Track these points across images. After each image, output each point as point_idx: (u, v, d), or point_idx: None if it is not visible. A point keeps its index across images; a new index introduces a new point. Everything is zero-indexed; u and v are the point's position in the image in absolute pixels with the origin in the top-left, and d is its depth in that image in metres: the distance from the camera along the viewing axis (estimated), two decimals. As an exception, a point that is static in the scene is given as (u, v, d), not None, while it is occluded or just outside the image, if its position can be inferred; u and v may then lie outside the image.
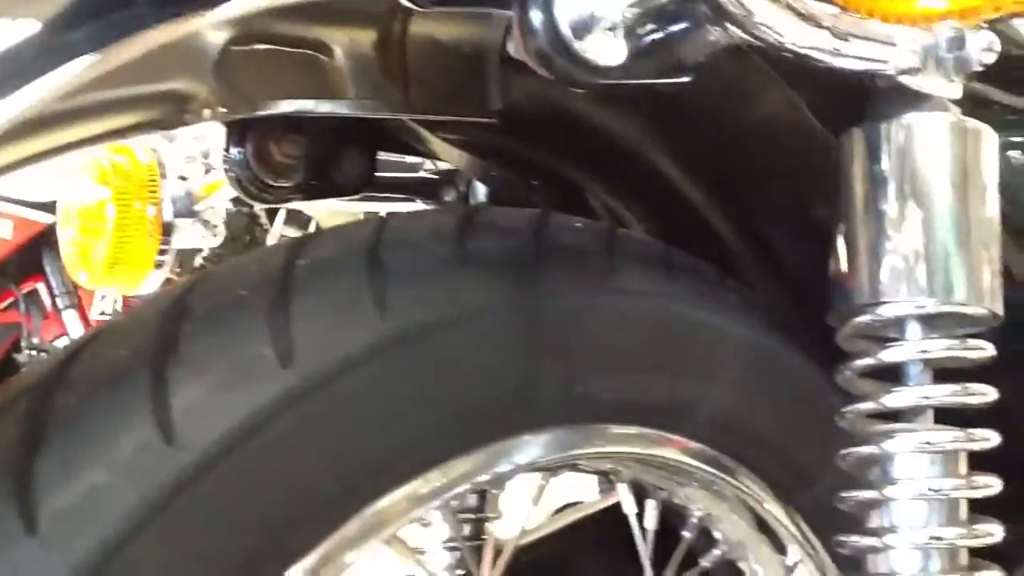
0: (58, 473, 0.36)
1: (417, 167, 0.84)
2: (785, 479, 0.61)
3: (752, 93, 0.61)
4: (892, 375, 0.50)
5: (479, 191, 0.78)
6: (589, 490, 0.87)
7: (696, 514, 0.63)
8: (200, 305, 0.41)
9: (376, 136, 0.68)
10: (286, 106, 0.50)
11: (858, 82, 0.50)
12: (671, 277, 0.55)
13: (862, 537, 0.49)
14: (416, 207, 0.80)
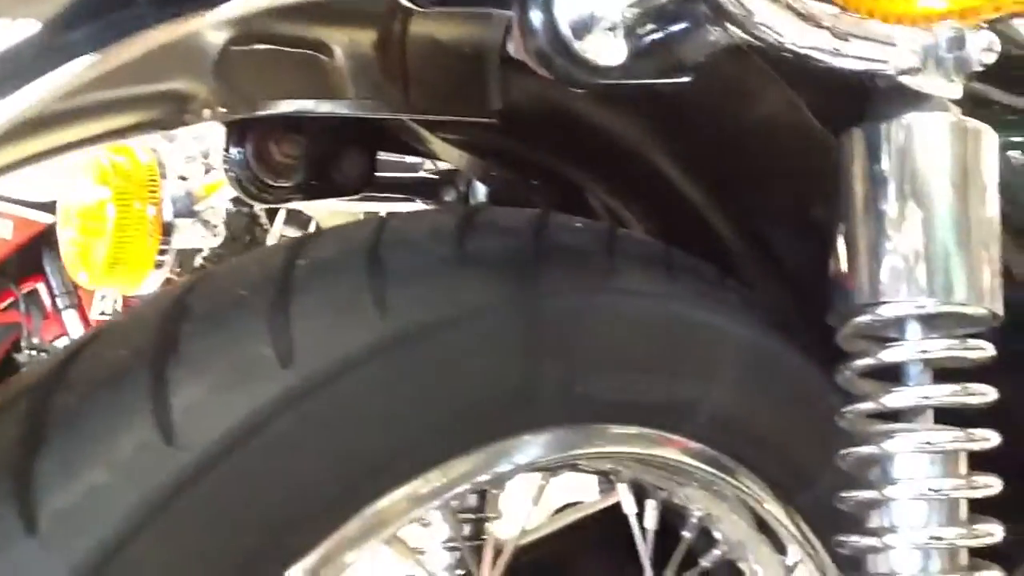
0: (58, 473, 0.36)
1: (417, 167, 0.84)
2: (785, 479, 0.61)
3: (752, 93, 0.61)
4: (892, 375, 0.50)
5: (479, 191, 0.78)
6: (589, 490, 0.87)
7: (696, 514, 0.62)
8: (200, 305, 0.41)
9: (376, 136, 0.68)
10: (286, 106, 0.50)
11: (858, 82, 0.50)
12: (671, 277, 0.55)
13: (862, 537, 0.49)
14: (416, 207, 0.80)
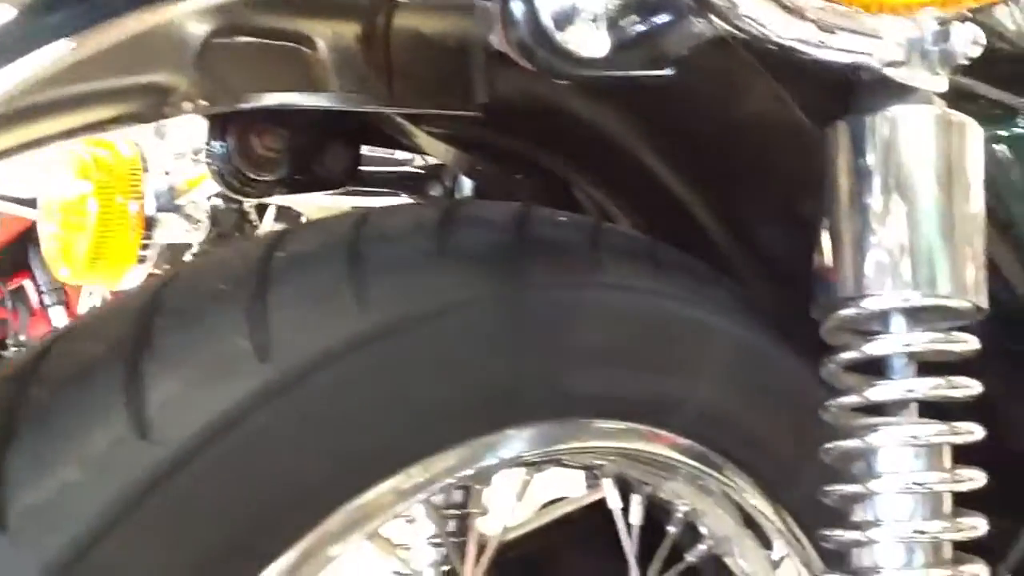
0: (29, 469, 0.36)
1: (407, 162, 0.83)
2: (772, 474, 0.61)
3: (738, 87, 0.61)
4: (876, 369, 0.50)
5: (465, 186, 0.78)
6: (577, 485, 0.87)
7: (681, 509, 0.62)
8: (176, 299, 0.41)
9: (360, 130, 0.68)
10: (268, 99, 0.50)
11: (843, 75, 0.49)
12: (656, 271, 0.55)
13: (846, 531, 0.48)
14: (401, 202, 0.79)
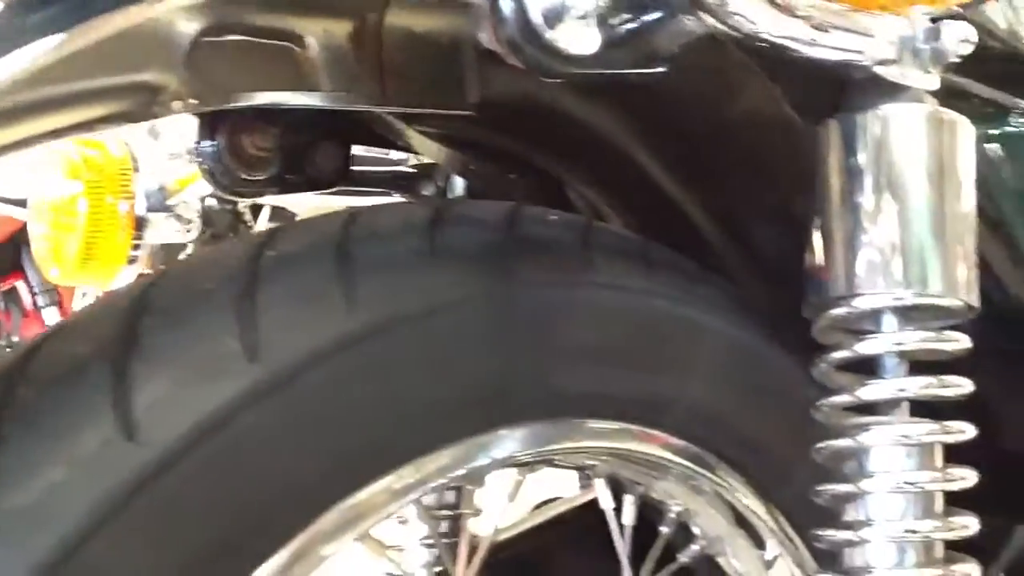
0: (16, 470, 0.36)
1: (400, 162, 0.83)
2: (764, 474, 0.61)
3: (731, 85, 0.61)
4: (868, 368, 0.50)
5: (457, 185, 0.78)
6: (570, 485, 0.87)
7: (674, 509, 0.62)
8: (164, 298, 0.40)
9: (352, 129, 0.67)
10: (259, 98, 0.50)
11: (835, 73, 0.49)
12: (648, 271, 0.55)
13: (838, 531, 0.48)
14: (394, 201, 0.79)
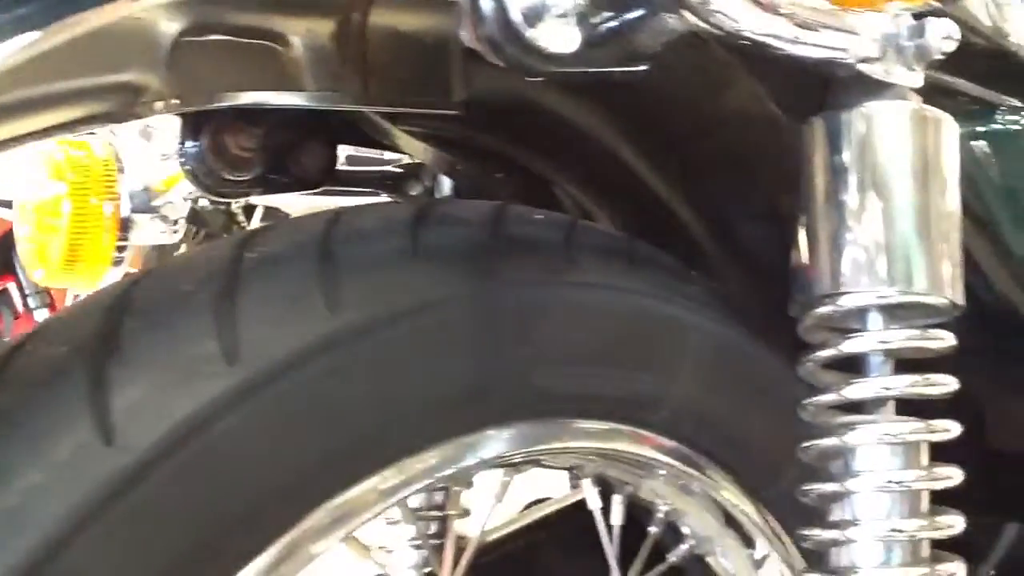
0: (-7, 473, 0.35)
1: (387, 161, 0.83)
2: (752, 473, 0.61)
3: (717, 84, 0.61)
4: (854, 366, 0.50)
5: (445, 185, 0.77)
6: (559, 485, 0.86)
7: (663, 509, 0.62)
8: (143, 300, 0.40)
9: (337, 129, 0.67)
10: (242, 98, 0.49)
11: (819, 71, 0.49)
12: (634, 269, 0.55)
13: (824, 530, 0.48)
14: (381, 201, 0.79)
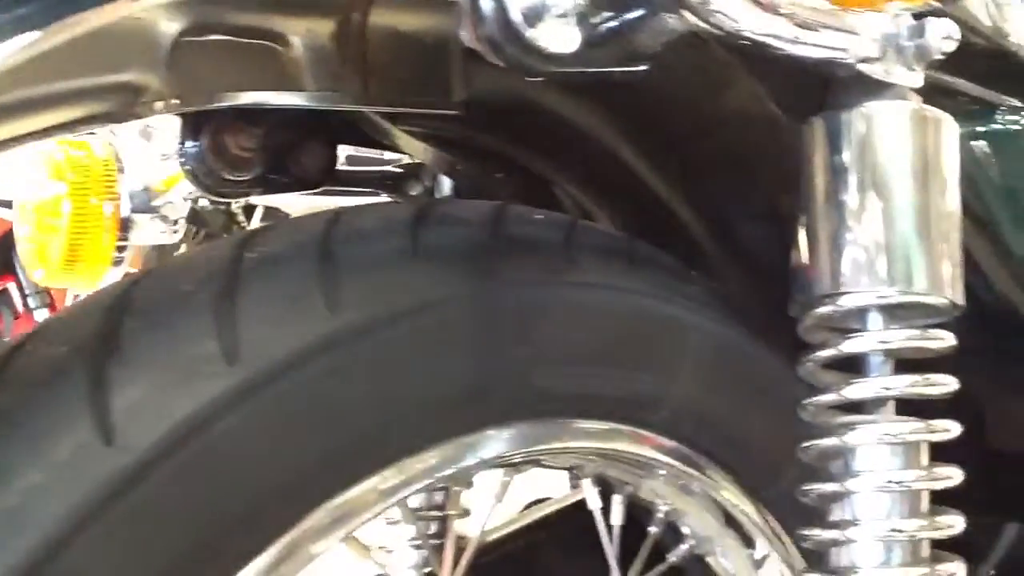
0: (-7, 473, 0.35)
1: (391, 162, 0.83)
2: (753, 473, 0.61)
3: (718, 84, 0.60)
4: (854, 366, 0.50)
5: (445, 185, 0.77)
6: (560, 485, 0.86)
7: (663, 509, 0.62)
8: (143, 300, 0.40)
9: (337, 129, 0.67)
10: (242, 98, 0.49)
11: (819, 71, 0.49)
12: (634, 269, 0.55)
13: (824, 530, 0.48)
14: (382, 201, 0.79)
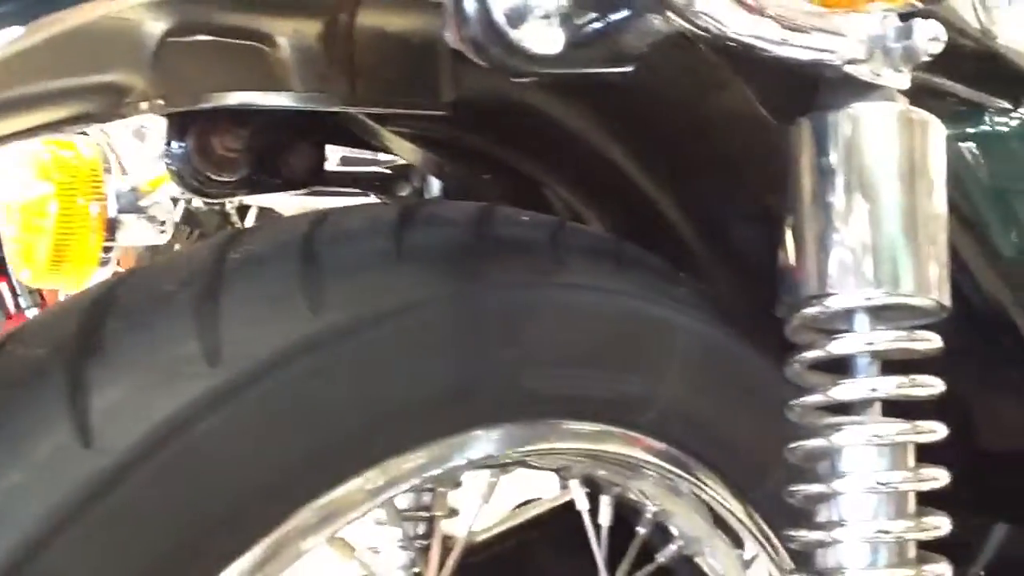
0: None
1: (379, 163, 0.83)
2: (741, 474, 0.61)
3: (705, 84, 0.60)
4: (841, 368, 0.50)
5: (434, 186, 0.77)
6: (550, 486, 0.86)
7: (651, 510, 0.62)
8: (124, 301, 0.40)
9: (325, 129, 0.67)
10: (229, 99, 0.49)
11: (806, 72, 0.49)
12: (621, 270, 0.55)
13: (810, 531, 0.48)
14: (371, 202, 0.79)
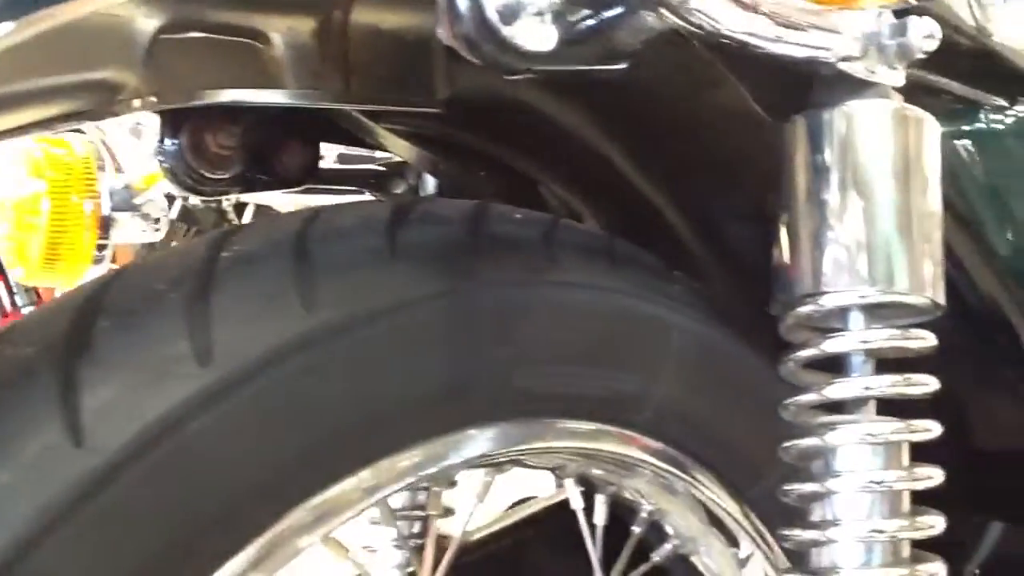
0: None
1: (375, 160, 0.82)
2: (736, 473, 0.61)
3: (700, 82, 0.60)
4: (836, 366, 0.50)
5: (429, 184, 0.77)
6: (545, 484, 0.86)
7: (646, 509, 0.62)
8: (116, 300, 0.40)
9: (320, 127, 0.67)
10: (222, 96, 0.49)
11: (801, 69, 0.49)
12: (616, 268, 0.54)
13: (804, 530, 0.48)
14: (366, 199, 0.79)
